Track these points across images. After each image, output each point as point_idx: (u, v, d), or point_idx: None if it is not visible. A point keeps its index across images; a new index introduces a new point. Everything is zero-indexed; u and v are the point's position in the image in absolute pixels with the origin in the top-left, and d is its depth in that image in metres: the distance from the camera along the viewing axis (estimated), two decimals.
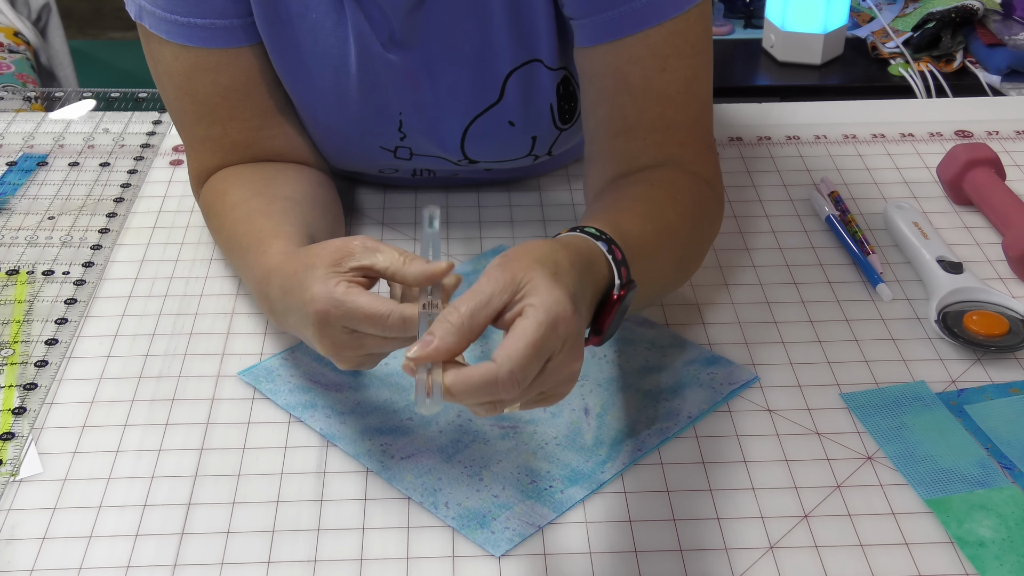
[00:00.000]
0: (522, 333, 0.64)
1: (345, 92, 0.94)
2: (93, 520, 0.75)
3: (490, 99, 0.95)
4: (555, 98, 0.96)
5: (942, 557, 0.72)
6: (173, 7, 0.90)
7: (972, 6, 1.93)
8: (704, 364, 0.87)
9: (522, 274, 0.67)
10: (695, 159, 0.90)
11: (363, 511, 0.76)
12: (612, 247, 0.75)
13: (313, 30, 0.92)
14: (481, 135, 0.97)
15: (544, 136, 0.99)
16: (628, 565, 0.72)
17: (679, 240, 0.86)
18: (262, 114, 0.96)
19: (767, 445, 0.81)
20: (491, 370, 0.63)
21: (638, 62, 0.87)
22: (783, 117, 1.23)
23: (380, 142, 0.99)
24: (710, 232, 0.91)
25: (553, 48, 0.93)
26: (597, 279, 0.73)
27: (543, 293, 0.66)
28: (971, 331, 0.89)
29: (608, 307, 0.74)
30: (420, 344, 0.65)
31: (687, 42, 0.87)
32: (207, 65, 0.92)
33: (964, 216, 1.06)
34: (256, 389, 0.86)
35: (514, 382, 0.63)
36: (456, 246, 1.02)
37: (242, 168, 0.96)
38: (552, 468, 0.78)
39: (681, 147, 0.90)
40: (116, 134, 1.21)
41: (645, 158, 0.89)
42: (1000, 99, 1.63)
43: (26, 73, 2.06)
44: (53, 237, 1.04)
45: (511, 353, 0.64)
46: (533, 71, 0.94)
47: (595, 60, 0.89)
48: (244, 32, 0.92)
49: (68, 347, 0.90)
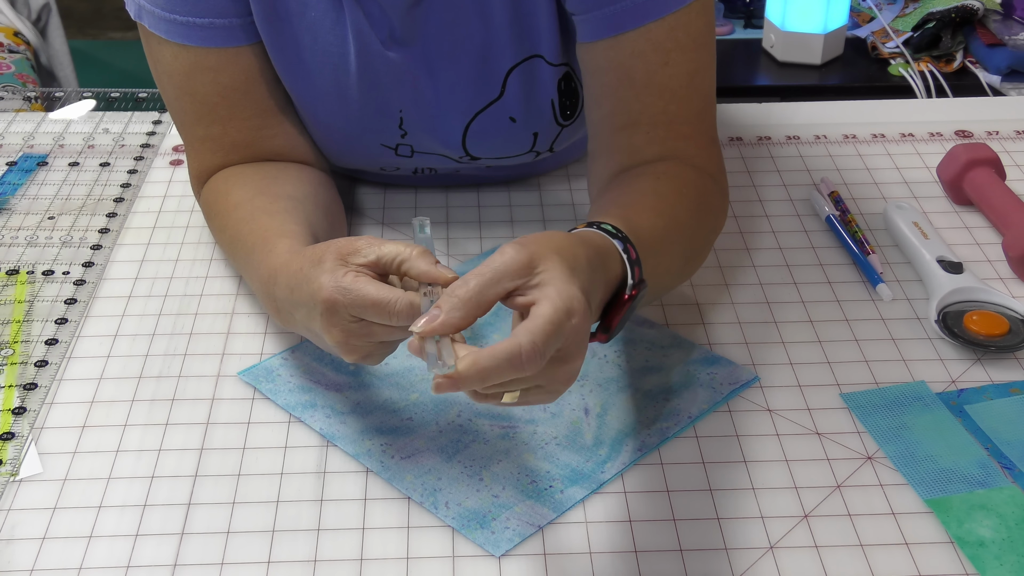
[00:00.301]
0: (542, 314, 0.65)
1: (345, 90, 0.94)
2: (93, 520, 0.75)
3: (491, 95, 0.95)
4: (556, 94, 0.96)
5: (942, 557, 0.72)
6: (172, 6, 0.90)
7: (972, 6, 1.93)
8: (704, 364, 0.87)
9: (540, 259, 0.67)
10: (699, 153, 0.90)
11: (363, 511, 0.76)
12: (627, 245, 0.75)
13: (312, 28, 0.92)
14: (482, 131, 0.97)
15: (546, 132, 0.99)
16: (628, 565, 0.72)
17: (687, 234, 0.86)
18: (262, 113, 0.96)
19: (767, 445, 0.81)
20: (514, 345, 0.63)
21: (640, 56, 0.87)
22: (783, 117, 1.23)
23: (381, 140, 0.99)
24: (715, 225, 0.91)
25: (555, 44, 0.93)
26: (609, 277, 0.73)
27: (560, 284, 0.66)
28: (971, 331, 0.89)
29: (618, 306, 0.74)
30: (427, 318, 0.65)
31: (689, 35, 0.87)
32: (207, 64, 0.92)
33: (964, 216, 1.06)
34: (256, 389, 0.86)
35: (535, 357, 0.63)
36: (456, 246, 1.02)
37: (243, 168, 0.96)
38: (552, 468, 0.78)
39: (684, 141, 0.90)
40: (116, 134, 1.21)
41: (649, 152, 0.89)
42: (1000, 99, 1.63)
43: (26, 73, 2.06)
44: (53, 237, 1.04)
45: (533, 328, 0.64)
46: (534, 67, 0.94)
47: (597, 55, 0.89)
48: (243, 31, 0.92)
49: (68, 347, 0.90)
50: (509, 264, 0.67)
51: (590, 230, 0.76)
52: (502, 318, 0.92)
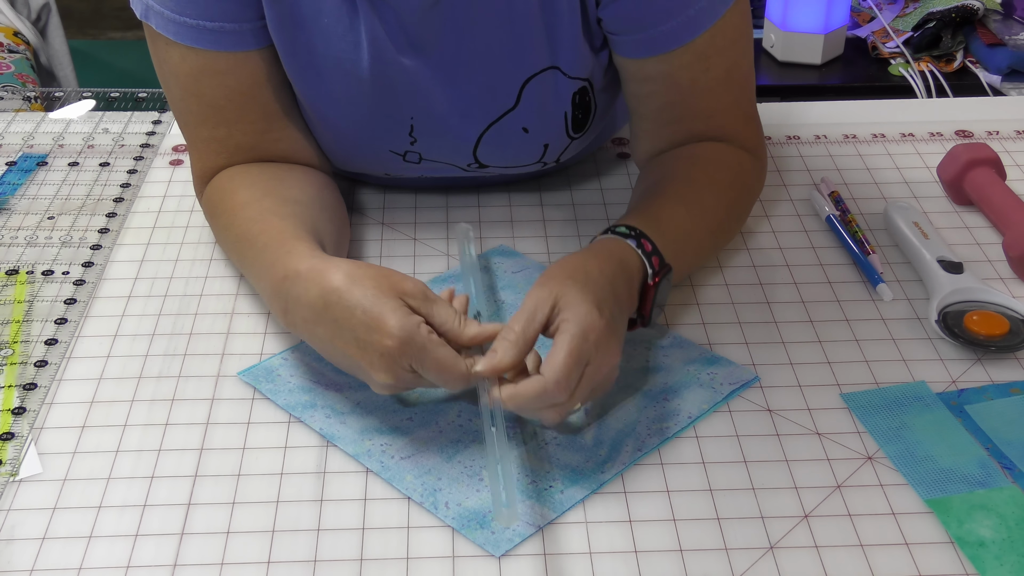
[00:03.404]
0: (561, 346, 0.75)
1: (356, 96, 0.94)
2: (93, 520, 0.75)
3: (506, 105, 0.95)
4: (570, 107, 0.96)
5: (942, 557, 0.72)
6: (182, 9, 0.90)
7: (972, 6, 1.93)
8: (704, 364, 0.87)
9: (558, 289, 0.78)
10: (736, 134, 0.98)
11: (363, 511, 0.76)
12: (641, 240, 0.85)
13: (325, 34, 0.91)
14: (495, 141, 0.97)
15: (555, 144, 0.99)
16: (628, 565, 0.72)
17: (713, 217, 0.93)
18: (267, 117, 0.96)
19: (767, 445, 0.80)
20: (540, 381, 0.74)
21: (684, 67, 0.93)
22: (783, 117, 1.23)
23: (390, 146, 0.99)
24: (747, 201, 0.99)
25: (575, 57, 0.93)
26: (631, 273, 0.83)
27: (574, 307, 0.76)
28: (971, 331, 0.89)
29: (646, 294, 0.84)
30: (487, 359, 0.76)
31: (726, 38, 0.93)
32: (215, 68, 0.92)
33: (964, 216, 1.06)
34: (256, 389, 0.86)
35: (560, 388, 0.74)
36: (456, 246, 1.02)
37: (249, 168, 0.96)
38: (552, 468, 0.78)
39: (722, 129, 0.97)
40: (116, 134, 1.21)
41: (690, 139, 0.97)
42: (1000, 99, 1.63)
43: (26, 73, 2.06)
44: (53, 237, 1.04)
45: (554, 365, 0.74)
46: (552, 79, 0.94)
47: (639, 67, 0.94)
48: (253, 36, 0.92)
49: (68, 347, 0.90)
50: (535, 302, 0.77)
51: (604, 237, 0.86)
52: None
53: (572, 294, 0.77)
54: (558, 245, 1.02)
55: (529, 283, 0.95)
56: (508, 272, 0.98)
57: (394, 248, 1.02)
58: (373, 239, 1.03)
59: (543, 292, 0.78)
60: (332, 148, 1.00)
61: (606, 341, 0.77)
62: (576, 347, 0.75)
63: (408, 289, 0.78)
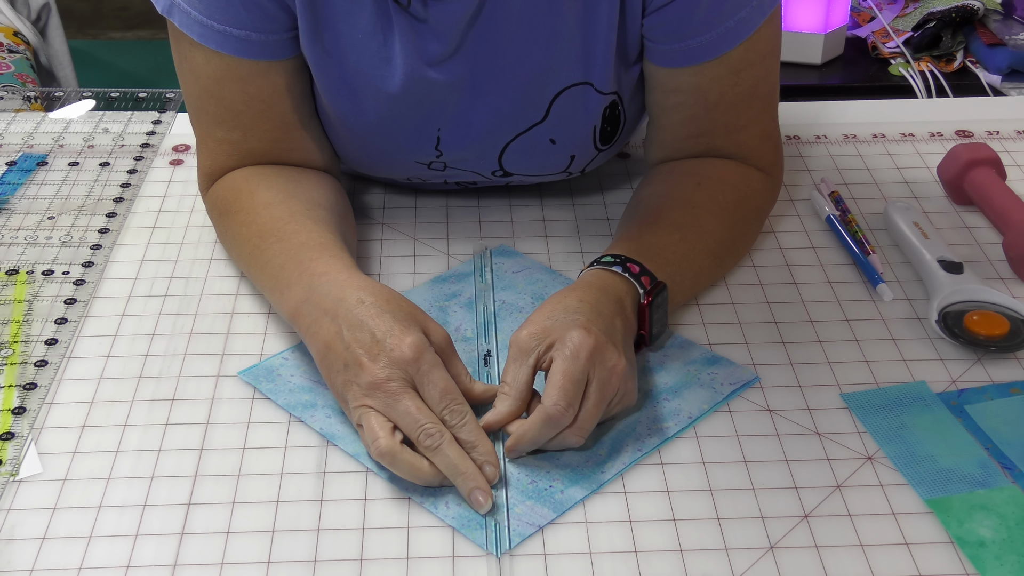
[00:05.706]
0: (555, 372, 0.76)
1: (385, 110, 0.94)
2: (93, 520, 0.75)
3: (535, 118, 0.95)
4: (600, 121, 0.96)
5: (942, 557, 0.72)
6: (211, 12, 0.89)
7: (972, 6, 1.93)
8: (704, 364, 0.87)
9: (539, 330, 0.79)
10: (752, 152, 0.97)
11: (363, 511, 0.76)
12: (627, 264, 0.85)
13: (358, 49, 0.91)
14: (520, 151, 0.97)
15: (582, 155, 0.99)
16: (628, 565, 0.72)
17: (712, 239, 0.92)
18: (284, 127, 0.95)
19: (767, 445, 0.80)
20: (541, 410, 0.76)
21: (716, 80, 0.93)
22: (784, 117, 1.22)
23: (416, 157, 0.98)
24: (754, 220, 0.98)
25: (607, 73, 0.93)
26: (619, 296, 0.83)
27: (560, 335, 0.78)
28: (971, 331, 0.89)
29: (642, 313, 0.84)
30: (489, 415, 0.79)
31: (757, 52, 0.93)
32: (237, 74, 0.92)
33: (964, 216, 1.06)
34: (256, 389, 0.86)
35: (561, 410, 0.75)
36: (456, 246, 1.02)
37: (264, 169, 0.96)
38: (552, 468, 0.78)
39: (740, 146, 0.97)
40: (116, 134, 1.21)
41: (707, 153, 0.97)
42: (1000, 99, 1.63)
43: (26, 73, 2.06)
44: (53, 237, 1.04)
45: (551, 391, 0.76)
46: (582, 93, 0.94)
47: (671, 77, 0.94)
48: (279, 47, 0.91)
49: (68, 347, 0.90)
50: (519, 348, 0.79)
51: (587, 271, 0.86)
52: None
53: (557, 328, 0.78)
54: (558, 245, 1.02)
55: (529, 283, 0.96)
56: (508, 272, 0.98)
57: (394, 248, 1.02)
58: (373, 239, 1.03)
59: (522, 332, 0.79)
60: (357, 156, 1.00)
61: (601, 353, 0.77)
62: (568, 368, 0.76)
63: (433, 329, 0.80)
